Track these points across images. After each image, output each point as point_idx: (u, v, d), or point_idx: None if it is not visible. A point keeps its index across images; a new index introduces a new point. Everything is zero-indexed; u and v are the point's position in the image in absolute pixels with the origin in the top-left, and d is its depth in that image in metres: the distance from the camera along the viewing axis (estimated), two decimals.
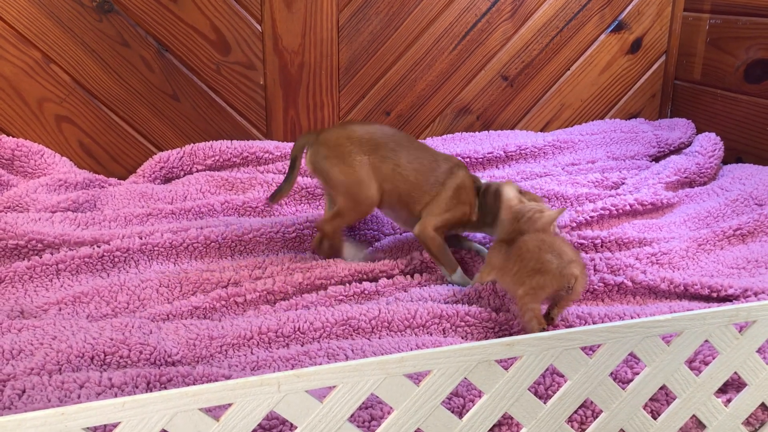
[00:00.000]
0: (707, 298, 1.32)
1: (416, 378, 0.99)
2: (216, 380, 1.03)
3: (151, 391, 1.00)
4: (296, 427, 0.79)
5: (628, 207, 1.69)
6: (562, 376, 0.99)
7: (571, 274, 1.09)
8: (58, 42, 1.75)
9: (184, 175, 1.83)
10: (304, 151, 1.43)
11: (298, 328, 1.18)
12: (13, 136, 1.77)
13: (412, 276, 1.41)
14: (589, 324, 1.19)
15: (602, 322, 1.18)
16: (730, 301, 1.30)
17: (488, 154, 1.94)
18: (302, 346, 1.16)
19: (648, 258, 1.45)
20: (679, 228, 1.63)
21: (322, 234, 1.46)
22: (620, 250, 1.49)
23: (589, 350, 0.95)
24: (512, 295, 1.19)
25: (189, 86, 1.87)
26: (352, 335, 1.19)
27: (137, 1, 1.76)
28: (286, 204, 1.74)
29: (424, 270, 1.43)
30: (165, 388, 1.01)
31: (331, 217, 1.41)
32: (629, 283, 1.33)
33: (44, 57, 1.75)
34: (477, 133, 2.10)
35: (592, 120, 2.22)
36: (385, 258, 1.46)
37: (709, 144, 1.93)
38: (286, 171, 1.82)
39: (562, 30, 2.10)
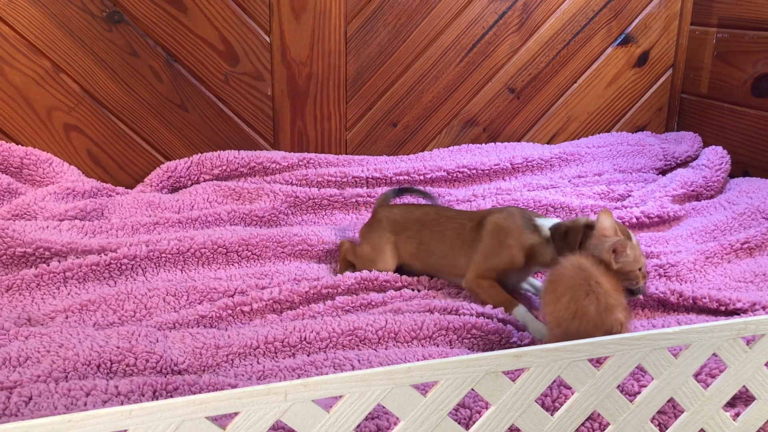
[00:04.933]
0: (715, 312, 1.32)
1: (423, 389, 0.99)
2: (222, 389, 1.03)
3: (157, 399, 1.00)
4: None
5: (634, 220, 1.69)
6: (570, 388, 0.99)
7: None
8: (68, 51, 1.76)
9: (191, 185, 1.83)
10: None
11: (305, 338, 1.18)
12: (23, 145, 1.78)
13: (418, 289, 1.41)
14: None
15: None
16: (738, 314, 1.29)
17: (495, 165, 1.94)
18: (308, 356, 1.16)
19: (656, 270, 1.45)
20: (686, 241, 1.63)
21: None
22: None
23: (597, 362, 0.95)
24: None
25: (197, 96, 1.88)
26: (358, 346, 1.19)
27: (147, 12, 1.78)
28: (292, 214, 1.74)
29: (431, 286, 1.43)
30: (171, 396, 1.01)
31: (354, 251, 1.52)
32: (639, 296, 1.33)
33: (54, 66, 1.76)
34: (483, 144, 2.10)
35: (599, 133, 2.22)
36: None
37: (716, 157, 1.93)
38: (294, 181, 1.83)
39: (569, 43, 2.11)
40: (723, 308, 1.30)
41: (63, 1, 1.72)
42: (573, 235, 1.25)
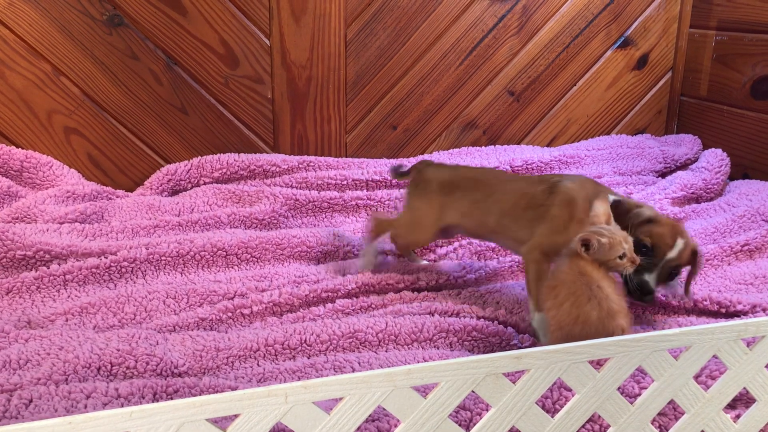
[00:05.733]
0: (716, 314, 1.32)
1: (423, 391, 0.98)
2: (222, 391, 1.03)
3: (157, 401, 1.00)
4: None
5: None
6: (570, 390, 0.99)
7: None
8: (68, 55, 1.76)
9: (191, 188, 1.83)
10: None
11: (305, 341, 1.18)
12: (23, 148, 1.78)
13: (418, 291, 1.41)
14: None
15: None
16: (739, 316, 1.29)
17: (494, 168, 1.94)
18: (309, 358, 1.16)
19: None
20: None
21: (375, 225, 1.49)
22: None
23: (597, 364, 0.95)
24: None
25: (197, 99, 1.88)
26: (359, 348, 1.19)
27: (147, 15, 1.78)
28: (292, 216, 1.74)
29: (430, 288, 1.43)
30: (171, 399, 1.01)
31: (389, 222, 1.48)
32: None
33: (54, 69, 1.76)
34: (483, 147, 2.10)
35: (599, 135, 2.23)
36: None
37: (716, 160, 1.93)
38: (294, 184, 1.83)
39: (569, 46, 2.11)
40: (724, 310, 1.30)
41: (63, 4, 1.73)
42: (625, 219, 1.19)
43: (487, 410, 0.89)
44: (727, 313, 1.30)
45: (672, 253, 1.21)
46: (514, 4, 2.02)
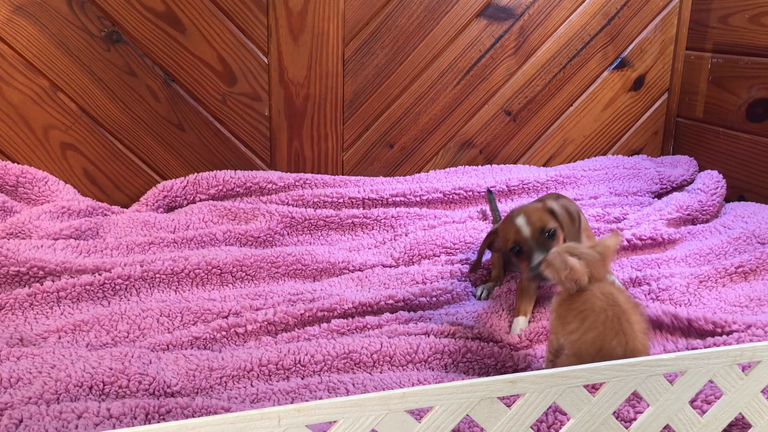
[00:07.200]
0: (712, 333, 1.31)
1: (418, 414, 0.98)
2: (215, 412, 1.02)
3: (149, 422, 0.99)
4: None
5: (625, 242, 1.69)
6: (565, 414, 0.98)
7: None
8: (65, 70, 1.76)
9: (187, 204, 1.83)
10: None
11: (299, 361, 1.17)
12: (19, 163, 1.78)
13: (414, 310, 1.41)
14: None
15: None
16: (735, 333, 1.28)
17: (491, 188, 1.94)
18: (303, 379, 1.15)
19: (647, 295, 1.45)
20: (679, 264, 1.62)
21: None
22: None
23: (593, 388, 0.94)
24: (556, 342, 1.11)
25: (194, 116, 1.88)
26: (353, 369, 1.18)
27: (145, 32, 1.79)
28: (288, 235, 1.74)
29: (426, 306, 1.43)
30: (164, 419, 1.00)
31: None
32: None
33: (52, 85, 1.77)
34: (480, 166, 2.10)
35: (595, 156, 2.23)
36: None
37: (712, 181, 1.94)
38: (290, 202, 1.83)
39: (565, 67, 2.12)
40: (719, 330, 1.29)
41: (62, 20, 1.73)
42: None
43: None
44: (723, 332, 1.30)
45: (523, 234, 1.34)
46: (511, 25, 2.04)
